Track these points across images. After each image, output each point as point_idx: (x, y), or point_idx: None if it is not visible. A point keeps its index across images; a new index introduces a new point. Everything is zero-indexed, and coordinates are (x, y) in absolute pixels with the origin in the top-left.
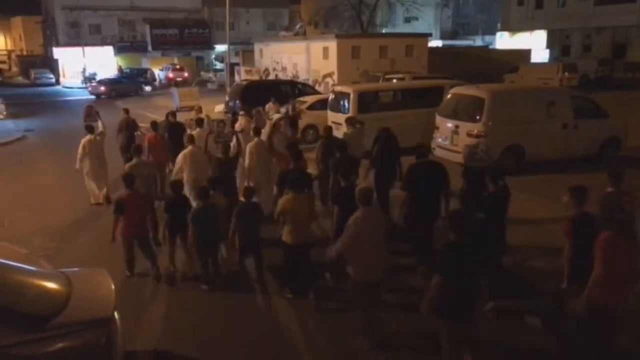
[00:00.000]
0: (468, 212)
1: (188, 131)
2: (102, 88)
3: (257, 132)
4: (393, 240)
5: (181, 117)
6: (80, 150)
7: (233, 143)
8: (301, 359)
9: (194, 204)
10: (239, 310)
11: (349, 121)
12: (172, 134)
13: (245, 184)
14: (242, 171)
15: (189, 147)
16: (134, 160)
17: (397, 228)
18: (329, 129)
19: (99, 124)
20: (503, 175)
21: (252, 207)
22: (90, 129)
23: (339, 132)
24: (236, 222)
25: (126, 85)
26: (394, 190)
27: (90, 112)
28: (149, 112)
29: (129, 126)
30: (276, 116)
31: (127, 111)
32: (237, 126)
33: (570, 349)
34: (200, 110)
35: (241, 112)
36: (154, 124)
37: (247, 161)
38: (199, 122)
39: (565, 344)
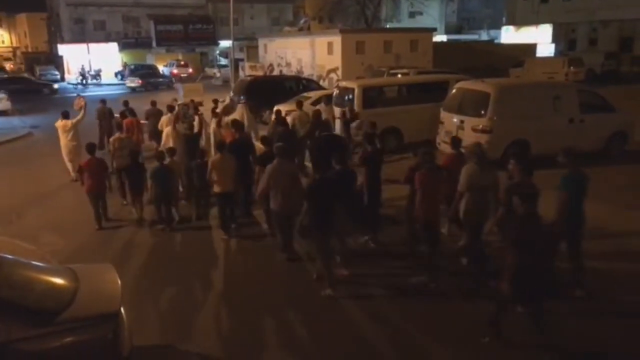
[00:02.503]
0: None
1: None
2: (139, 82)
3: (214, 114)
4: None
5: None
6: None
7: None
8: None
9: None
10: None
11: (298, 105)
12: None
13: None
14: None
15: (172, 123)
16: (117, 135)
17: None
18: (278, 112)
19: (81, 113)
20: (375, 140)
21: (203, 164)
22: (65, 115)
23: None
24: (193, 175)
25: (160, 80)
26: None
27: (80, 103)
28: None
29: (105, 115)
30: (227, 100)
31: (104, 102)
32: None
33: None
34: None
35: (221, 100)
36: (131, 111)
37: (210, 135)
38: (170, 108)
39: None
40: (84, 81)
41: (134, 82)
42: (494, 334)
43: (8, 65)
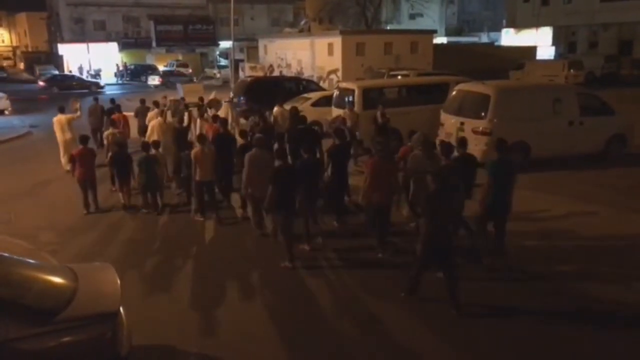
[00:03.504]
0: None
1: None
2: (160, 80)
3: (199, 108)
4: None
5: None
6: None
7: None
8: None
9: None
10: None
11: (280, 103)
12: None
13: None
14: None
15: (158, 119)
16: (110, 130)
17: None
18: (262, 114)
19: (78, 112)
20: (345, 133)
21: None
22: (61, 110)
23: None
24: (182, 164)
25: (178, 77)
26: None
27: (74, 103)
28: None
29: (97, 111)
30: (212, 95)
31: (96, 99)
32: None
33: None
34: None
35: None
36: (118, 107)
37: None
38: (156, 104)
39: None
40: None
41: (154, 80)
42: (409, 290)
43: (21, 66)
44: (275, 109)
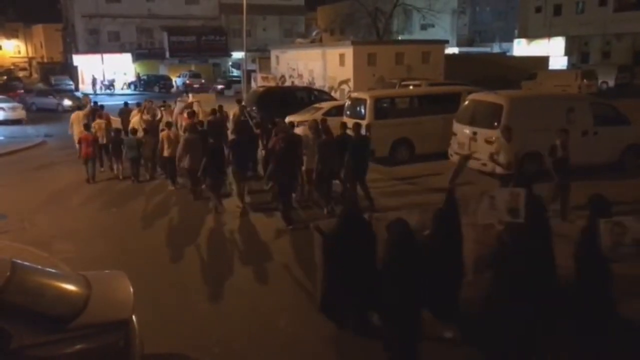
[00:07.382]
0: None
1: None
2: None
3: (181, 112)
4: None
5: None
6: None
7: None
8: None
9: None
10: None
11: (238, 102)
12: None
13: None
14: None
15: (139, 115)
16: (97, 120)
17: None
18: (214, 110)
19: (88, 107)
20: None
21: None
22: (79, 107)
23: None
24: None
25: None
26: None
27: (86, 101)
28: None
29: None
30: (181, 105)
31: (91, 101)
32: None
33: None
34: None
35: (180, 99)
36: (101, 107)
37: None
38: (138, 105)
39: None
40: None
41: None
42: (288, 222)
43: (36, 76)
44: (234, 111)
